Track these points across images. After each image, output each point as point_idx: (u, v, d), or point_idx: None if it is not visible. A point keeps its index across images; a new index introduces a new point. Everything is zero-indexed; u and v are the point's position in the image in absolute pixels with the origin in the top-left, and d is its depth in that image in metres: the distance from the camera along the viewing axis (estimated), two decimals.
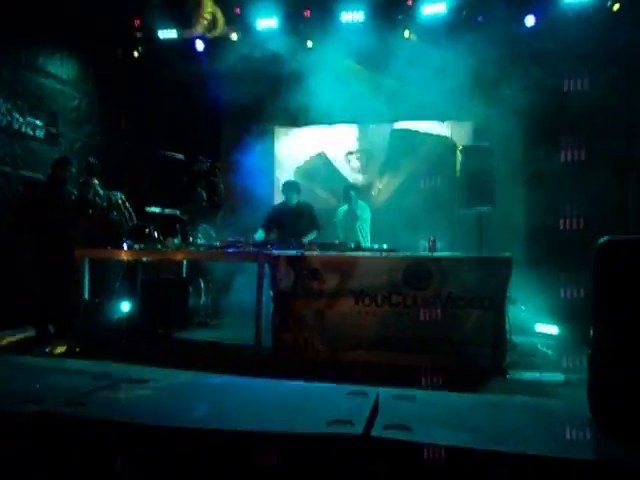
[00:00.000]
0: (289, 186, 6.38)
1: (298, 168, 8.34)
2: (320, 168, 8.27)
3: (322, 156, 8.31)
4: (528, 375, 4.06)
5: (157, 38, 7.67)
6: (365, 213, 6.80)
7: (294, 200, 6.31)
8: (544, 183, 6.50)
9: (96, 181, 5.77)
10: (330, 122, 8.07)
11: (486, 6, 6.62)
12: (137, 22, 7.65)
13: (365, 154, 8.18)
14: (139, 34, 7.72)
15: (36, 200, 5.50)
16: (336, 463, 1.97)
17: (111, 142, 7.91)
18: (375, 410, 2.30)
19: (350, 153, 8.23)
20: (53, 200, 5.51)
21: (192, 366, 4.06)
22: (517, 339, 4.70)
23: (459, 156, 5.85)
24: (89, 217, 5.68)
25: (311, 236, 6.08)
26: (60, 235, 5.46)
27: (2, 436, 2.22)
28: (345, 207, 6.76)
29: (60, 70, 7.20)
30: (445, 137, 7.78)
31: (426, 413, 2.32)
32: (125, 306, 5.28)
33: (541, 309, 5.49)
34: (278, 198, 8.34)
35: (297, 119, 7.79)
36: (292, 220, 6.19)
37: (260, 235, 6.07)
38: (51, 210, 5.47)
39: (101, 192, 5.80)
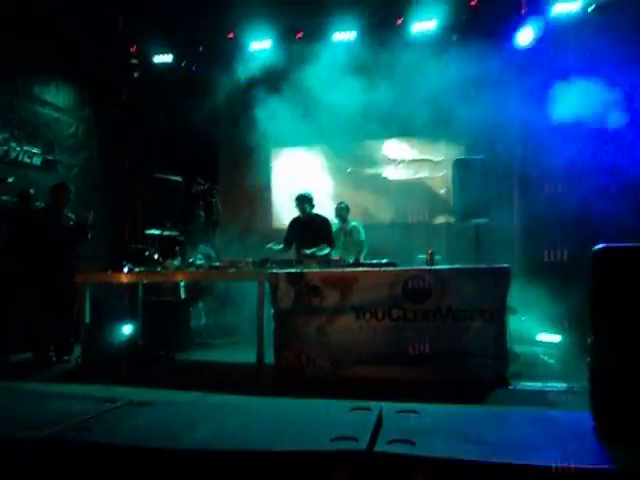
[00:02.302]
0: (300, 198, 6.15)
1: (295, 188, 8.36)
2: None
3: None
4: (531, 385, 4.05)
5: (153, 63, 7.79)
6: (359, 234, 6.73)
7: (306, 213, 6.12)
8: (540, 193, 6.53)
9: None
10: (322, 142, 8.13)
11: (476, 23, 6.71)
12: (133, 48, 7.76)
13: (360, 171, 8.22)
14: (135, 60, 7.83)
15: (35, 226, 5.52)
16: (341, 479, 1.97)
17: (109, 167, 7.96)
18: (379, 425, 2.30)
19: (343, 171, 8.26)
20: (52, 226, 5.53)
21: (195, 387, 4.07)
22: (519, 349, 4.71)
23: (453, 169, 5.90)
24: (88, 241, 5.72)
25: (320, 251, 5.78)
26: (59, 260, 5.47)
27: (6, 464, 2.22)
28: (337, 223, 6.74)
29: (56, 98, 7.28)
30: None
31: (430, 427, 2.32)
32: (127, 329, 5.28)
33: (542, 318, 5.50)
34: (275, 218, 8.44)
35: (293, 140, 7.85)
36: (303, 233, 6.03)
37: (276, 246, 5.98)
38: (50, 236, 5.48)
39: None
